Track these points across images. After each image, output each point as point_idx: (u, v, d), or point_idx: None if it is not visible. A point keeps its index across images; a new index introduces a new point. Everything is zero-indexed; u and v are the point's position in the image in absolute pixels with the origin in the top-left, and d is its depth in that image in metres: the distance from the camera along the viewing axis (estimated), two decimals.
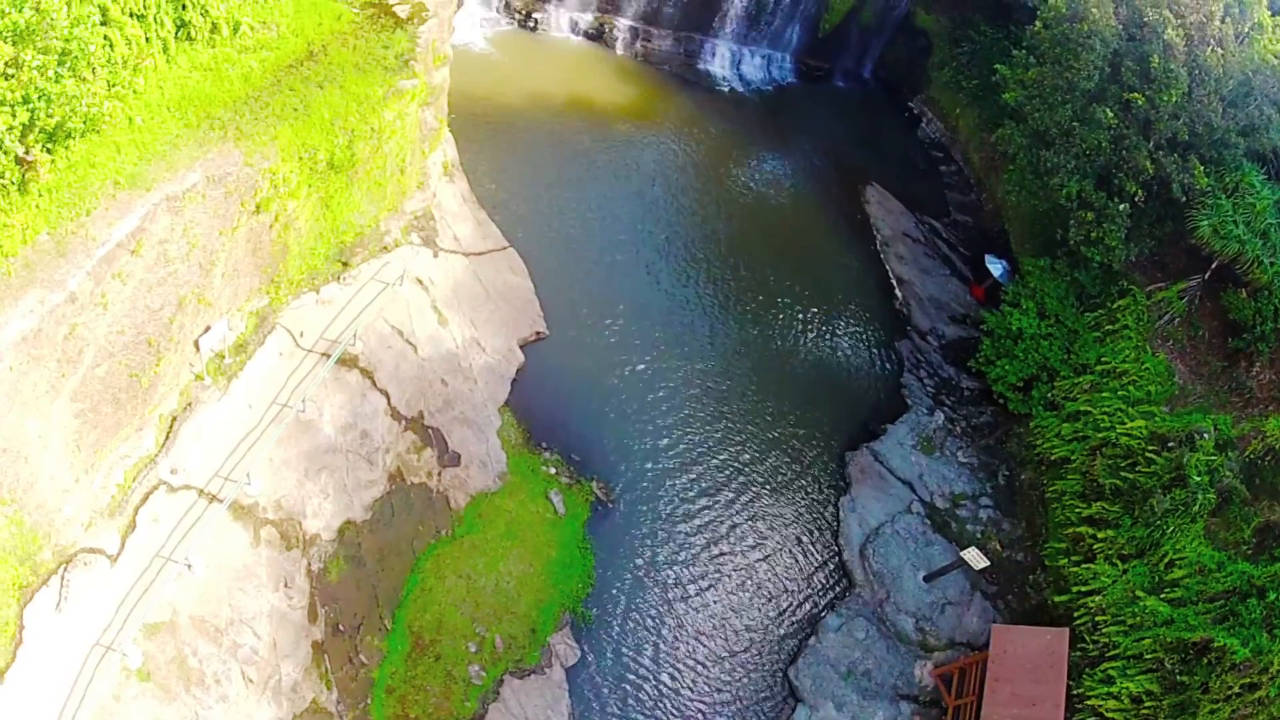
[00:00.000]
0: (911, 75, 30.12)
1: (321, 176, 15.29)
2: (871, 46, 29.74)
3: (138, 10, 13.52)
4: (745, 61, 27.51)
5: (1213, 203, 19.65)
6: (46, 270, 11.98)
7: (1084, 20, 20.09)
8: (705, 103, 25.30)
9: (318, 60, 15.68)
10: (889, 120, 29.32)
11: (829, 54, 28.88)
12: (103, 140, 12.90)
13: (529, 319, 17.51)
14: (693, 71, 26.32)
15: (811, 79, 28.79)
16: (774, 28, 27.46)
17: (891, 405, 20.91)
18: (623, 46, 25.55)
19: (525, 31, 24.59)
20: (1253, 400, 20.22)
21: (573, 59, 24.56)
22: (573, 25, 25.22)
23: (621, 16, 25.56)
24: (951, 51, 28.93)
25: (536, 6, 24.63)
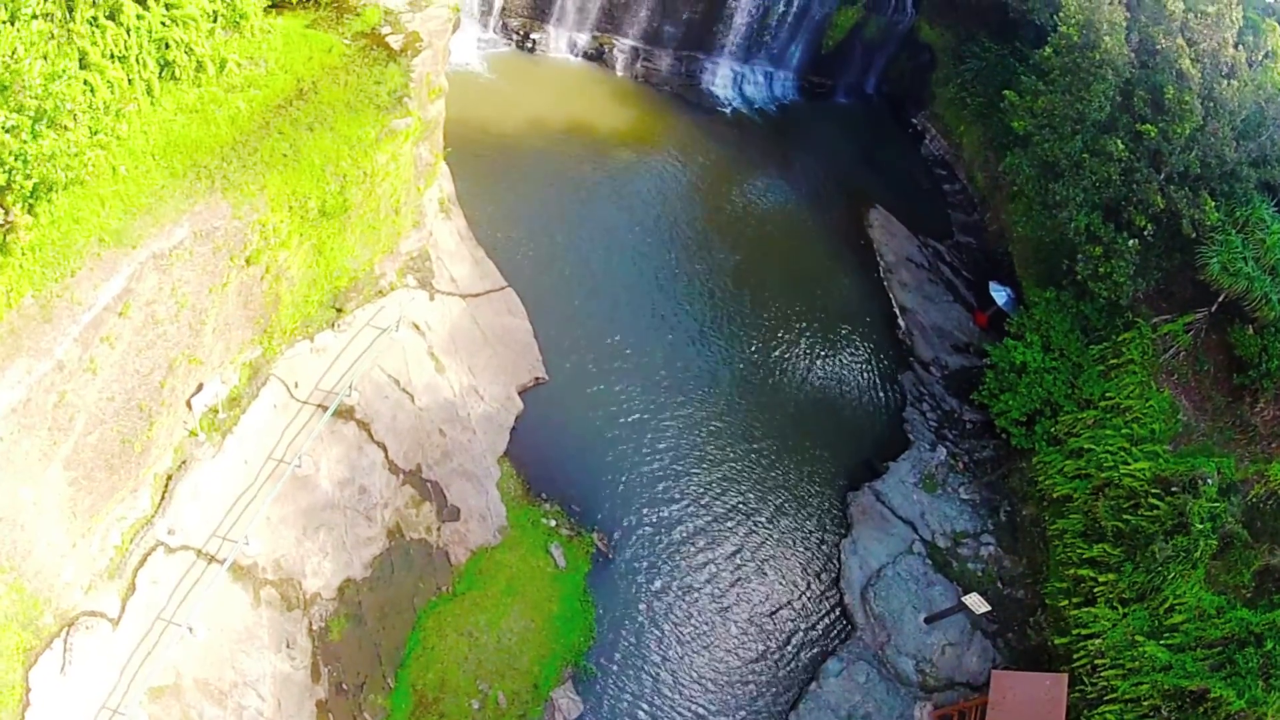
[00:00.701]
0: (915, 90, 29.80)
1: (313, 224, 15.06)
2: (875, 61, 29.40)
3: (119, 52, 13.15)
4: (747, 80, 27.15)
5: (1222, 238, 19.53)
6: (33, 337, 11.82)
7: (1096, 49, 19.80)
8: (707, 125, 25.00)
9: (307, 99, 15.32)
10: (892, 137, 29.04)
11: (832, 70, 28.54)
12: (86, 193, 12.65)
13: (528, 364, 17.39)
14: (694, 92, 25.98)
15: (814, 96, 28.48)
16: (777, 46, 27.09)
17: (894, 441, 20.90)
18: (623, 67, 25.16)
19: (523, 53, 24.19)
20: (1256, 437, 20.27)
21: (572, 81, 24.20)
22: (571, 46, 24.81)
23: (621, 36, 25.15)
24: (956, 67, 28.62)
25: (535, 27, 24.22)
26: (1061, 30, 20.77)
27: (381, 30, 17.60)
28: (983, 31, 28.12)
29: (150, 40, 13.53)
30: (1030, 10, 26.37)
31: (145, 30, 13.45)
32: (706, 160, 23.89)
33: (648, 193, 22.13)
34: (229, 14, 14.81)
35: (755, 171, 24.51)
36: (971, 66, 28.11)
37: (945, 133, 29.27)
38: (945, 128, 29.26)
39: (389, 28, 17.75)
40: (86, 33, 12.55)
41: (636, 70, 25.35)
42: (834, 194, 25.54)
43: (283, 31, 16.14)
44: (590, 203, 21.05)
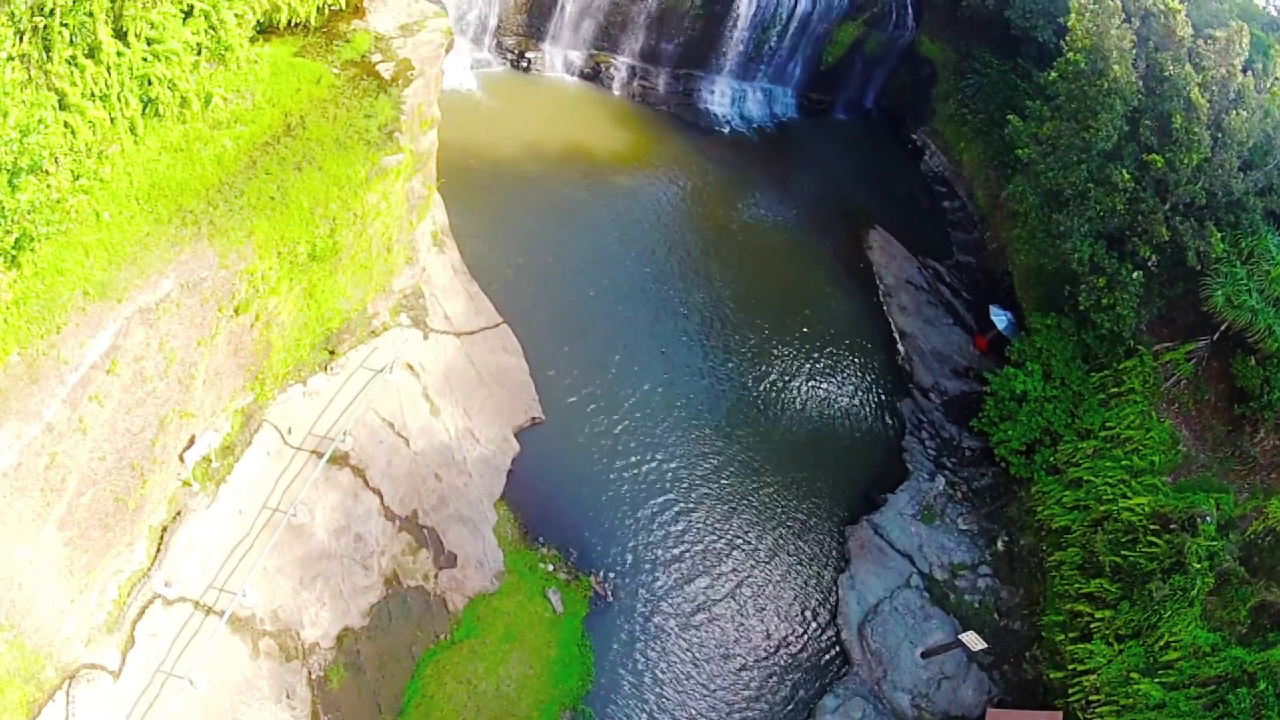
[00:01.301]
0: (915, 105, 29.59)
1: (303, 268, 14.94)
2: (874, 76, 29.18)
3: (100, 91, 12.89)
4: (746, 98, 26.93)
5: (1227, 270, 19.47)
6: (20, 399, 11.79)
7: (1104, 77, 19.55)
8: (705, 146, 24.80)
9: (295, 135, 15.06)
10: (892, 153, 28.87)
11: (831, 86, 28.35)
12: (70, 241, 12.43)
13: (524, 404, 17.39)
14: (692, 111, 25.75)
15: (813, 113, 28.32)
16: (776, 63, 26.87)
17: (892, 471, 20.98)
18: (619, 86, 24.90)
19: (518, 73, 23.94)
20: (1256, 468, 20.35)
21: (568, 102, 23.96)
22: (567, 65, 24.53)
23: (618, 55, 24.89)
24: (957, 84, 28.42)
25: (530, 46, 23.93)
26: (1069, 56, 20.48)
27: (372, 58, 17.34)
28: (984, 47, 27.86)
29: (132, 78, 13.15)
30: (1033, 28, 26.13)
31: (126, 68, 13.13)
32: (704, 183, 23.73)
33: (644, 219, 22.01)
34: (214, 46, 14.51)
35: (754, 193, 24.37)
36: (972, 83, 27.87)
37: (945, 149, 29.08)
38: (945, 144, 29.06)
39: (379, 55, 17.50)
40: (65, 73, 12.13)
41: (633, 89, 25.09)
42: (833, 215, 25.41)
43: (270, 61, 15.87)
44: (586, 231, 20.94)
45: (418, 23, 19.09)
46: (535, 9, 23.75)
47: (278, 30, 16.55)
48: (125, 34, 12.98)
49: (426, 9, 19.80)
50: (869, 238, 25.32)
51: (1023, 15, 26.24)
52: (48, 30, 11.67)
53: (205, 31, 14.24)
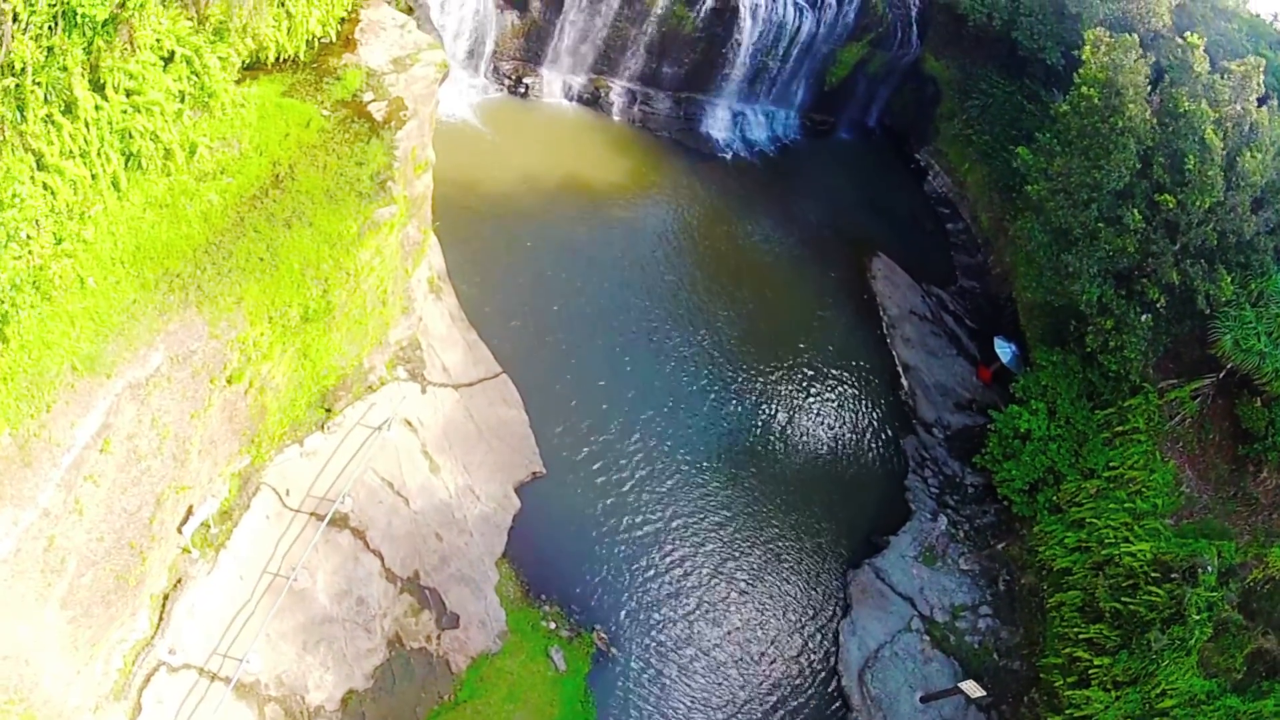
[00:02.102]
0: (918, 124, 29.28)
1: (296, 331, 14.79)
2: (878, 94, 28.85)
3: (79, 147, 12.60)
4: (748, 121, 26.57)
5: (1235, 313, 19.37)
6: (14, 483, 11.72)
7: (1119, 115, 19.18)
8: (706, 174, 24.51)
9: (284, 187, 14.71)
10: (895, 175, 28.62)
11: (834, 107, 28.05)
12: (55, 310, 12.22)
13: (524, 459, 17.38)
14: (693, 136, 25.39)
15: (816, 134, 28.04)
16: (779, 85, 26.50)
17: (895, 511, 21.07)
18: (619, 111, 24.52)
19: (516, 99, 23.57)
20: (1258, 508, 20.46)
21: (566, 129, 23.61)
22: (566, 90, 24.12)
23: (618, 79, 24.47)
24: (961, 103, 28.10)
25: (528, 71, 23.51)
26: (1082, 90, 20.08)
27: (363, 96, 16.98)
28: (990, 66, 27.49)
29: (112, 132, 12.75)
30: (1041, 49, 25.72)
31: (106, 122, 12.77)
32: (706, 215, 23.49)
33: (645, 256, 21.80)
34: (198, 94, 14.17)
35: (757, 224, 24.15)
36: (977, 103, 27.54)
37: (949, 170, 28.78)
38: (949, 165, 28.76)
39: (371, 93, 17.14)
40: (41, 132, 11.75)
41: (634, 114, 24.71)
42: (837, 243, 25.21)
43: (258, 103, 15.50)
44: (586, 271, 20.74)
45: (411, 56, 18.69)
46: (533, 33, 23.30)
47: (265, 67, 16.21)
48: (103, 86, 12.63)
49: (420, 40, 19.39)
50: (872, 266, 25.14)
51: (1030, 37, 25.84)
52: (20, 90, 11.34)
53: (188, 78, 13.91)
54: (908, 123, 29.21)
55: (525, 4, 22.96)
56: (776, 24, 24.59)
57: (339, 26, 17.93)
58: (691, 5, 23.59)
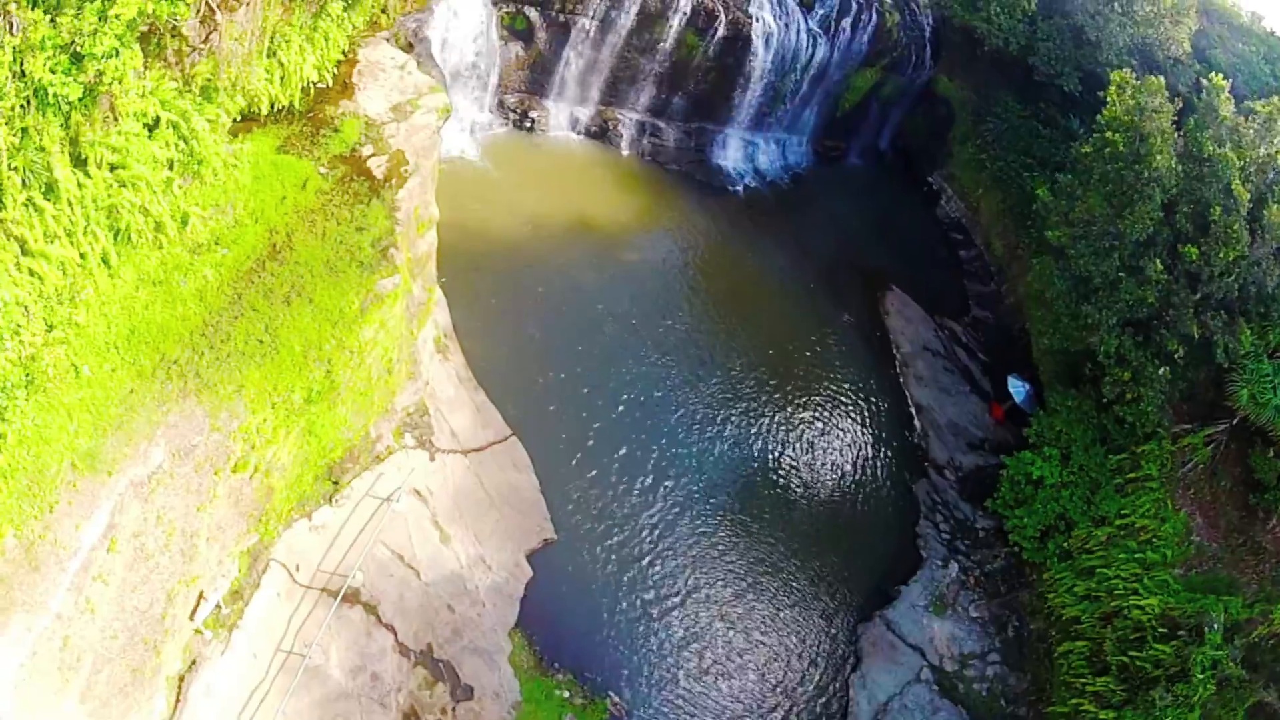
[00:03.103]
0: (931, 147, 28.80)
1: (300, 412, 14.51)
2: (890, 117, 28.31)
3: (65, 228, 12.18)
4: (759, 149, 26.07)
5: (1253, 366, 19.18)
6: (25, 589, 11.61)
7: (1143, 163, 18.73)
8: (717, 209, 24.07)
9: (282, 258, 14.22)
10: (907, 200, 28.24)
11: (846, 132, 27.60)
12: (50, 402, 11.93)
13: (535, 525, 17.27)
14: (703, 169, 24.89)
15: (828, 160, 27.43)
16: (791, 112, 25.93)
17: (906, 558, 21.09)
18: (628, 144, 23.97)
19: (521, 133, 23.00)
20: (1265, 556, 20.50)
21: (574, 166, 23.09)
22: (573, 122, 23.54)
23: (627, 110, 23.85)
24: (975, 126, 27.60)
25: (533, 104, 22.91)
26: (1107, 135, 19.56)
27: (362, 150, 16.49)
28: (1004, 88, 26.94)
29: (98, 209, 12.34)
30: (1059, 76, 25.14)
31: (90, 200, 12.38)
32: (717, 255, 23.10)
33: (656, 302, 21.45)
34: (187, 160, 13.66)
35: (769, 261, 23.77)
36: (992, 128, 27.05)
37: (962, 194, 28.35)
38: (962, 189, 28.31)
39: (370, 146, 16.65)
40: (23, 218, 11.39)
41: (643, 147, 24.15)
42: (849, 278, 24.89)
43: (252, 161, 15.03)
44: (595, 320, 20.41)
45: (411, 101, 18.16)
46: (538, 65, 22.67)
47: (259, 119, 15.67)
48: (85, 161, 12.20)
49: (421, 82, 18.82)
50: (886, 301, 24.84)
51: (1048, 62, 25.29)
52: None
53: (176, 144, 13.42)
54: (920, 145, 28.70)
55: (530, 35, 22.28)
56: (790, 52, 23.96)
57: (335, 69, 17.36)
58: (703, 35, 22.92)
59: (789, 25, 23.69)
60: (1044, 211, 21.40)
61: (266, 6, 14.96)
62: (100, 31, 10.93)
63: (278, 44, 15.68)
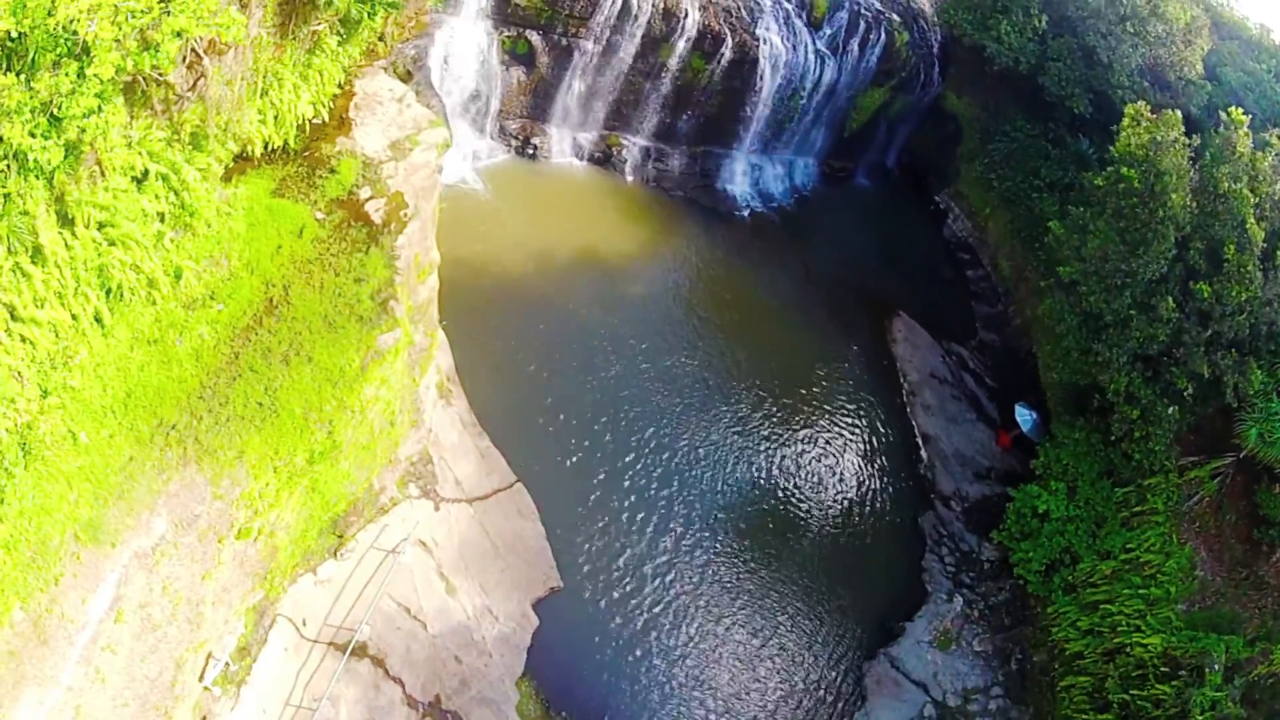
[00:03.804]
0: (939, 164, 28.55)
1: (302, 473, 14.38)
2: (897, 134, 27.95)
3: (56, 290, 11.96)
4: (766, 173, 25.80)
5: (1261, 405, 19.19)
6: (35, 663, 11.60)
7: (1159, 203, 18.49)
8: (723, 237, 23.85)
9: (279, 314, 13.90)
10: (914, 219, 28.07)
11: (854, 152, 27.32)
12: (50, 471, 11.76)
13: (541, 573, 17.27)
14: (709, 193, 24.60)
15: (834, 180, 27.12)
16: (799, 134, 25.54)
17: (911, 593, 21.22)
18: (632, 170, 23.65)
19: (524, 160, 22.66)
20: (1267, 590, 20.69)
21: (578, 195, 22.78)
22: (576, 148, 23.19)
23: (631, 134, 23.49)
24: (983, 145, 27.32)
25: (535, 130, 22.56)
26: (1122, 171, 19.28)
27: (360, 193, 16.09)
28: (1013, 106, 26.65)
29: (88, 269, 12.04)
30: (1069, 97, 24.84)
31: (80, 261, 12.10)
32: (724, 285, 22.92)
33: (662, 337, 21.28)
34: (178, 212, 13.33)
35: (776, 289, 23.62)
36: (1001, 147, 26.79)
37: (970, 213, 28.14)
38: (970, 208, 28.10)
39: (368, 188, 16.25)
40: (11, 284, 11.13)
41: (647, 173, 23.83)
42: (856, 304, 24.75)
43: (246, 206, 14.66)
44: (599, 358, 20.25)
45: (410, 137, 17.74)
46: (540, 89, 22.28)
47: (252, 159, 15.33)
48: (73, 221, 11.93)
49: (419, 116, 18.41)
50: (893, 328, 24.73)
51: (1058, 84, 24.97)
52: None
53: (166, 197, 13.11)
54: (927, 163, 28.45)
55: (532, 60, 21.86)
56: (797, 73, 23.57)
57: (331, 103, 16.95)
58: (709, 58, 22.52)
59: (796, 46, 23.30)
60: (1055, 244, 21.21)
61: (257, 48, 14.53)
62: (79, 91, 10.58)
63: (270, 84, 15.26)
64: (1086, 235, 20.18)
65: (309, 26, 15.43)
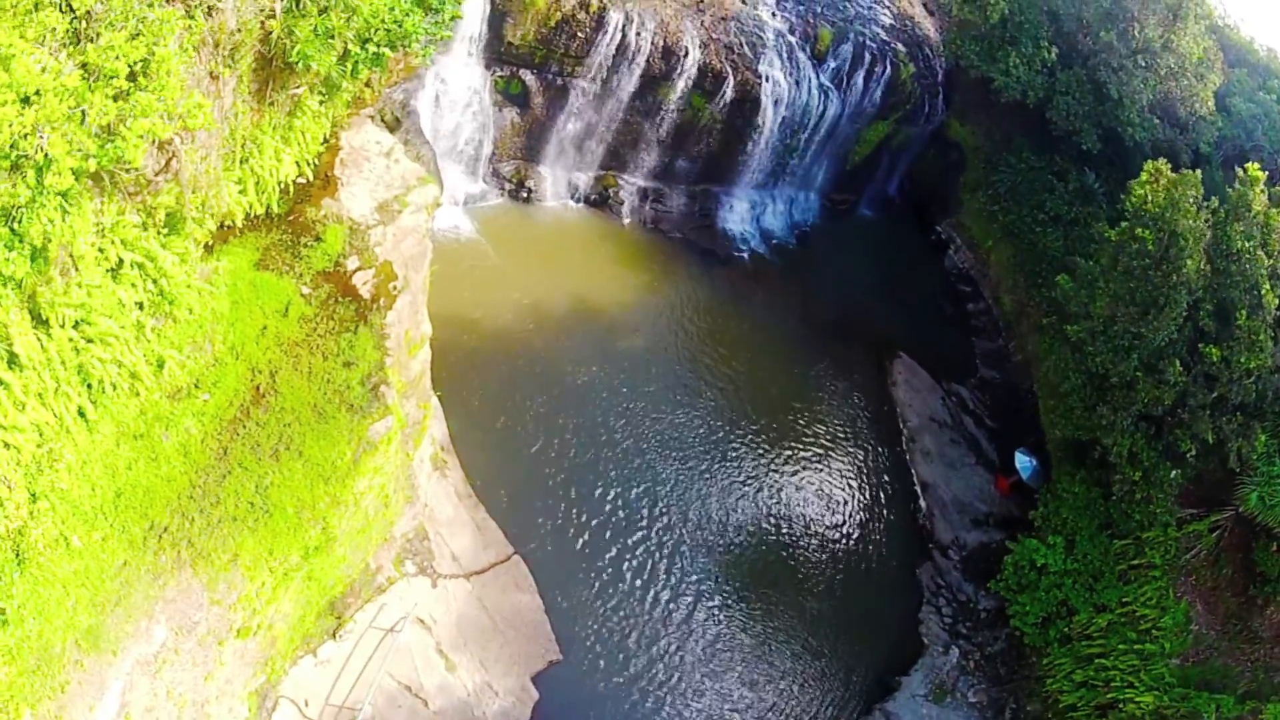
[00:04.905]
0: (941, 193, 28.38)
1: (298, 567, 14.34)
2: (900, 162, 27.61)
3: (38, 390, 11.76)
4: (767, 210, 25.57)
5: (1264, 469, 19.37)
6: None
7: (1174, 269, 18.36)
8: (723, 281, 23.65)
9: (266, 404, 13.68)
10: (915, 250, 28.01)
11: (856, 185, 27.14)
12: (45, 577, 11.70)
13: (541, 646, 17.39)
14: (708, 234, 24.33)
15: (836, 214, 26.82)
16: (801, 169, 25.13)
17: (908, 646, 21.56)
18: (629, 212, 23.31)
19: (517, 204, 22.30)
20: (1260, 644, 21.14)
21: (573, 240, 22.46)
22: (571, 190, 22.80)
23: (628, 175, 23.08)
24: (987, 175, 27.10)
25: (529, 172, 22.10)
26: (1137, 232, 19.02)
27: (347, 264, 15.69)
28: (1019, 136, 26.34)
29: (67, 369, 11.85)
30: (1077, 133, 24.57)
31: (57, 362, 11.89)
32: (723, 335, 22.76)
33: (660, 392, 21.17)
34: (157, 300, 13.01)
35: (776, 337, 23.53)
36: (1005, 178, 26.54)
37: (971, 245, 27.99)
38: (971, 239, 27.95)
39: (355, 258, 15.85)
40: None
41: (645, 215, 23.50)
42: (857, 347, 24.70)
43: (229, 282, 14.32)
44: (597, 417, 20.12)
45: (398, 198, 17.33)
46: (534, 130, 21.83)
47: (234, 228, 14.93)
48: (47, 322, 11.70)
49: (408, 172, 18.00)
50: (893, 371, 24.73)
51: (1066, 118, 24.70)
52: None
53: (143, 286, 12.82)
54: (930, 191, 28.23)
55: (526, 100, 21.34)
56: (800, 110, 23.15)
57: (316, 160, 16.47)
58: (710, 97, 22.08)
59: (800, 82, 22.85)
60: (1063, 299, 21.10)
61: (233, 121, 14.06)
62: (38, 201, 10.24)
63: (249, 151, 14.81)
64: (1095, 291, 20.09)
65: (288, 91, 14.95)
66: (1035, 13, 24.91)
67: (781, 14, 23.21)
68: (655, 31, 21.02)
